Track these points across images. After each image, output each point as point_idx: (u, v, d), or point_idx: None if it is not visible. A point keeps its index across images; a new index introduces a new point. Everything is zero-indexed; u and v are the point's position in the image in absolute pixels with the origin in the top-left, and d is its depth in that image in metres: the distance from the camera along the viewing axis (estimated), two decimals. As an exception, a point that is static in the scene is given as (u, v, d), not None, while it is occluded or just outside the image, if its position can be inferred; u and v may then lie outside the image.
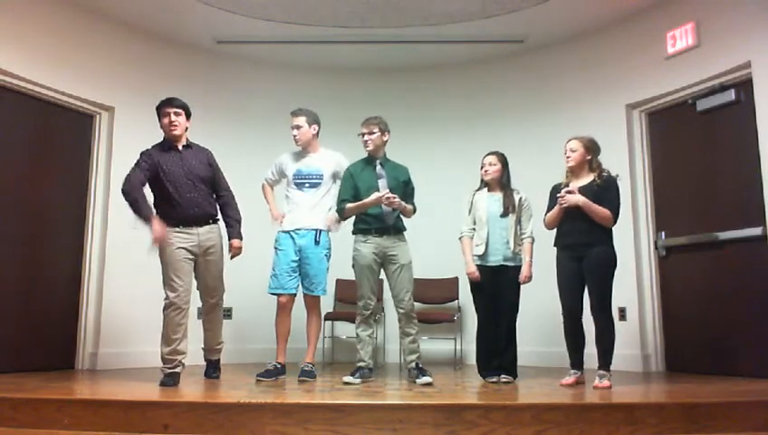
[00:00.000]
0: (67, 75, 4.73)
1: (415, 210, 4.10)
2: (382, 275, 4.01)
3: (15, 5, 4.45)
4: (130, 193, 3.61)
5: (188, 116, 3.89)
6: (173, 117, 3.78)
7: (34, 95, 4.61)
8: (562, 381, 3.74)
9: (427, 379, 3.66)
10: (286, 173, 4.21)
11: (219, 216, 3.94)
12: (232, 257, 3.94)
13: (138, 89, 5.19)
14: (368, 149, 4.02)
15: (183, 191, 3.71)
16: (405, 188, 4.03)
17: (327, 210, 4.09)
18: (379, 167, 3.99)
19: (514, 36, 5.41)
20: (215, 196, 3.95)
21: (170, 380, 3.55)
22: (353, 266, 3.95)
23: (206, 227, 3.79)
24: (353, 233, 3.99)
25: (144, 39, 5.30)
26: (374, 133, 3.99)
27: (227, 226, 3.95)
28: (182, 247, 3.69)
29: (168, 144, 3.83)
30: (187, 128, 3.88)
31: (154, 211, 3.66)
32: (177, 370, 3.64)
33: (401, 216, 4.01)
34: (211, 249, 3.80)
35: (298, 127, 4.12)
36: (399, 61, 5.95)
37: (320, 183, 4.11)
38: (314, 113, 4.18)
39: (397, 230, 3.95)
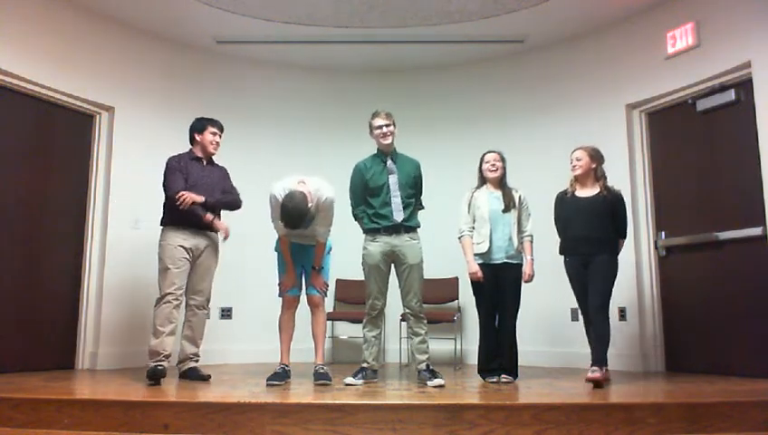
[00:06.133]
0: (67, 75, 4.74)
1: (422, 207, 4.05)
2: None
3: (15, 5, 4.45)
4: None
5: None
6: (219, 139, 4.13)
7: (34, 95, 4.61)
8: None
9: (439, 381, 3.61)
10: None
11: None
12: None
13: (138, 89, 5.20)
14: (387, 142, 3.89)
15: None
16: (416, 184, 3.96)
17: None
18: (390, 162, 3.90)
19: (514, 36, 5.41)
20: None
21: (154, 374, 3.57)
22: (362, 265, 3.90)
23: (204, 233, 3.99)
24: (363, 232, 3.94)
25: (144, 39, 5.30)
26: (392, 126, 3.89)
27: None
28: (182, 246, 3.87)
29: (193, 156, 4.08)
30: None
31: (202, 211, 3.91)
32: (163, 364, 3.66)
33: (414, 211, 3.94)
34: (203, 254, 3.98)
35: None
36: (399, 61, 5.95)
37: None
38: None
39: (408, 229, 3.86)
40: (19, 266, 4.46)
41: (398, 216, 3.83)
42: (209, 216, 3.91)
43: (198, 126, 4.10)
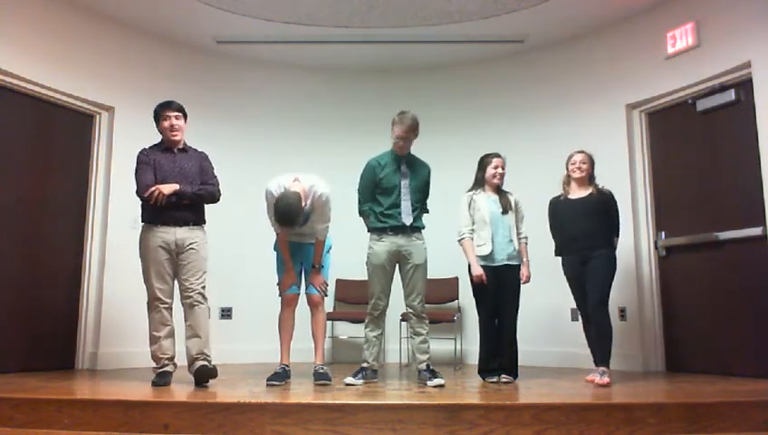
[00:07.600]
0: (67, 75, 4.74)
1: (427, 211, 4.05)
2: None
3: (15, 6, 4.45)
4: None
5: (186, 118, 3.90)
6: (174, 121, 3.80)
7: (34, 95, 4.61)
8: (588, 378, 3.83)
9: (439, 381, 3.61)
10: None
11: (203, 220, 3.86)
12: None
13: (138, 89, 5.19)
14: (400, 151, 3.92)
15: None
16: (426, 188, 3.99)
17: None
18: (404, 166, 3.90)
19: (514, 36, 5.41)
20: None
21: (160, 379, 3.55)
22: (367, 265, 3.89)
23: (185, 228, 3.72)
24: (369, 231, 3.93)
25: (144, 39, 5.31)
26: (411, 139, 3.92)
27: None
28: (160, 246, 3.68)
29: (165, 146, 3.85)
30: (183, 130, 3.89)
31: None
32: (168, 369, 3.64)
33: (421, 213, 3.95)
34: (188, 248, 3.70)
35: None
36: (399, 61, 5.95)
37: None
38: None
39: (414, 229, 3.87)
40: (19, 266, 4.46)
41: (407, 219, 3.83)
42: None
43: (155, 117, 3.83)
